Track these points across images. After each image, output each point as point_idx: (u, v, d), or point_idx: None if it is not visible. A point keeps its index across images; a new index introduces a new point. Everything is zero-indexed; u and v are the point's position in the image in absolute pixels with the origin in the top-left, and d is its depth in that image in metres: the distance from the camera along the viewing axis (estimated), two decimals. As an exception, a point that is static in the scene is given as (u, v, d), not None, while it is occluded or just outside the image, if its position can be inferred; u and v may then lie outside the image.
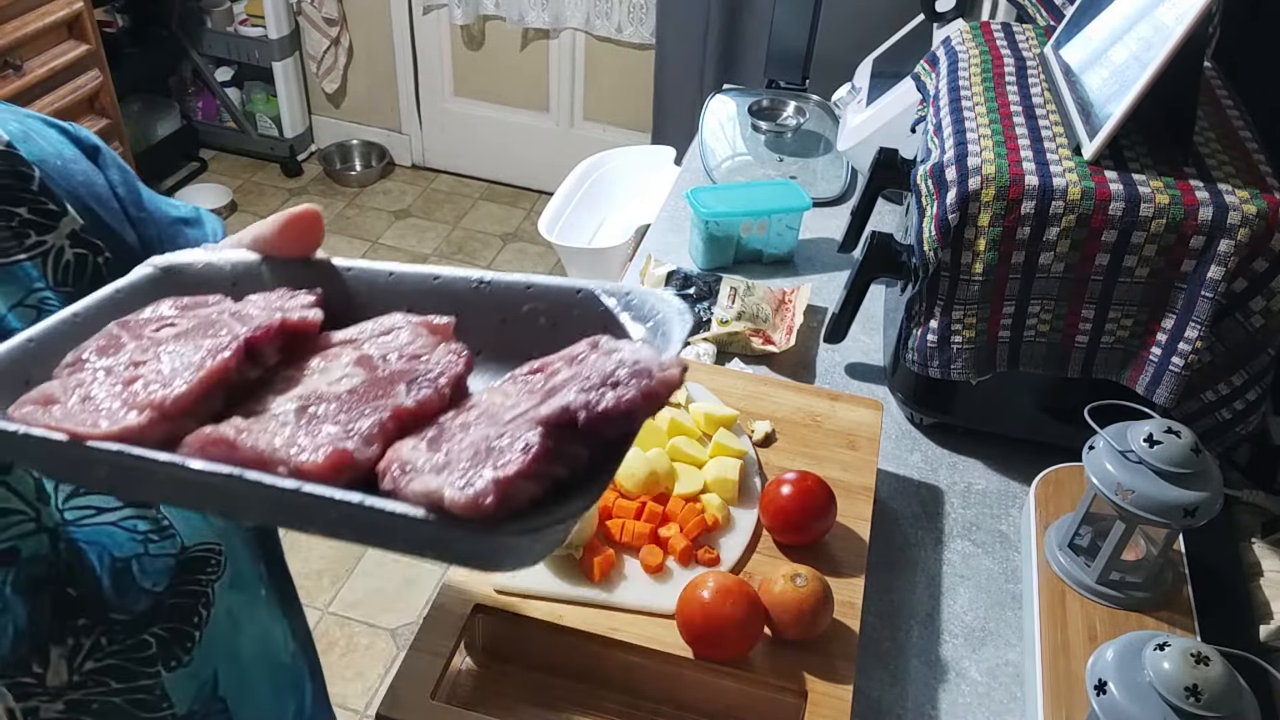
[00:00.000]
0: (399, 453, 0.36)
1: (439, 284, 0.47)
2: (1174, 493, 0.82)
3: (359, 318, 0.47)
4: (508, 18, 3.14)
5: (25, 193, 0.54)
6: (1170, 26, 0.87)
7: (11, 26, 2.39)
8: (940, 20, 1.41)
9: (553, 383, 0.38)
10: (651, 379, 0.35)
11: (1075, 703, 0.82)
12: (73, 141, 0.61)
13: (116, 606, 0.56)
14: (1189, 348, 0.94)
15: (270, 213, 2.85)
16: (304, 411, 0.39)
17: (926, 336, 1.03)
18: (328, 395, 0.40)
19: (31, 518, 0.52)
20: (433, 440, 0.37)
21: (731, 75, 2.66)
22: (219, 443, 0.37)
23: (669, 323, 0.42)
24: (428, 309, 0.46)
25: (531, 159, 3.44)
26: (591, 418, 0.34)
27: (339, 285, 0.49)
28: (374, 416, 0.38)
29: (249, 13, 3.26)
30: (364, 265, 0.49)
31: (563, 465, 0.34)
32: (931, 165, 0.98)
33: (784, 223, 1.41)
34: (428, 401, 0.39)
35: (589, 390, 0.35)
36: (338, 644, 2.10)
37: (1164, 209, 0.90)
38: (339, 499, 0.34)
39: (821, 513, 0.93)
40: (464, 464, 0.34)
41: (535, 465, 0.33)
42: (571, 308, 0.45)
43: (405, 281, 0.48)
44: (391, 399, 0.39)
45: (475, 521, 0.32)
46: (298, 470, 0.35)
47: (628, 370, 0.35)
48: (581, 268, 2.33)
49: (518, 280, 0.46)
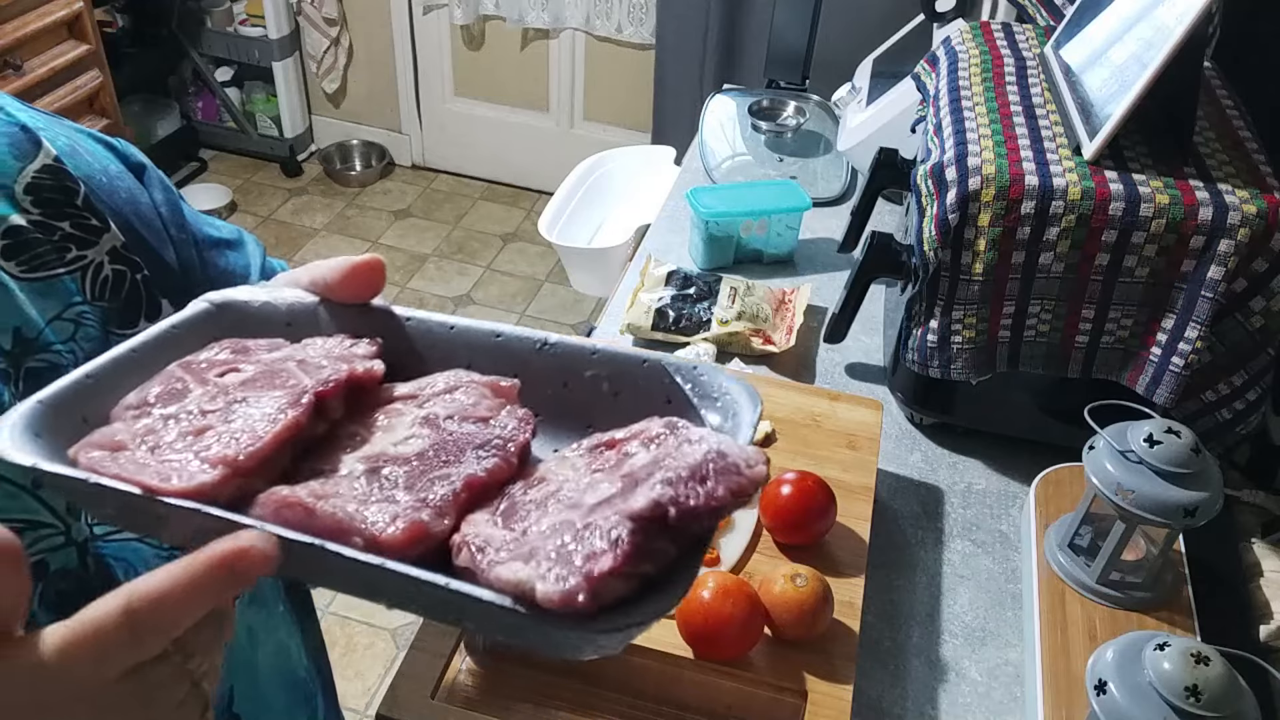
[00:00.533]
0: (475, 528, 0.36)
1: (500, 342, 0.47)
2: (1174, 493, 0.82)
3: (415, 368, 0.47)
4: (508, 18, 3.14)
5: (70, 208, 0.54)
6: (1170, 26, 0.87)
7: (11, 26, 2.39)
8: (940, 20, 1.41)
9: (630, 466, 0.37)
10: (741, 475, 0.35)
11: (1075, 703, 0.82)
12: (119, 158, 0.61)
13: None
14: (1189, 348, 0.94)
15: (270, 213, 2.84)
16: (375, 474, 0.39)
17: (926, 336, 1.03)
18: (396, 458, 0.39)
19: (61, 531, 0.52)
20: (506, 514, 0.37)
21: (731, 75, 2.66)
22: (295, 507, 0.36)
23: (739, 406, 0.42)
24: (487, 366, 0.46)
25: (531, 159, 3.44)
26: (682, 514, 0.33)
27: (398, 334, 0.48)
28: (446, 486, 0.38)
29: (249, 13, 3.26)
30: (423, 316, 0.49)
31: (651, 563, 0.34)
32: (931, 165, 0.98)
33: (784, 223, 1.41)
34: (498, 471, 0.39)
35: (676, 484, 0.34)
36: (338, 644, 2.10)
37: (1164, 209, 0.90)
38: (425, 579, 0.33)
39: (821, 513, 0.93)
40: (550, 552, 0.33)
41: (627, 564, 0.32)
42: (636, 377, 0.45)
43: (465, 336, 0.48)
44: (462, 466, 0.39)
45: (564, 616, 0.32)
46: (374, 542, 0.35)
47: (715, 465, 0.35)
48: (581, 267, 2.33)
49: (582, 344, 0.46)
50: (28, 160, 0.53)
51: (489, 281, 3.12)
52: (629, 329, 1.27)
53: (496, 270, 3.17)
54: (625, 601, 0.33)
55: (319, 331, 0.48)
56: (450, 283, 3.10)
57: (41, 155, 0.54)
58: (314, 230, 3.26)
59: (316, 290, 0.50)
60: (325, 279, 0.50)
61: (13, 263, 0.51)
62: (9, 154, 0.53)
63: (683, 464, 0.35)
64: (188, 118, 3.49)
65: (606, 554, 0.32)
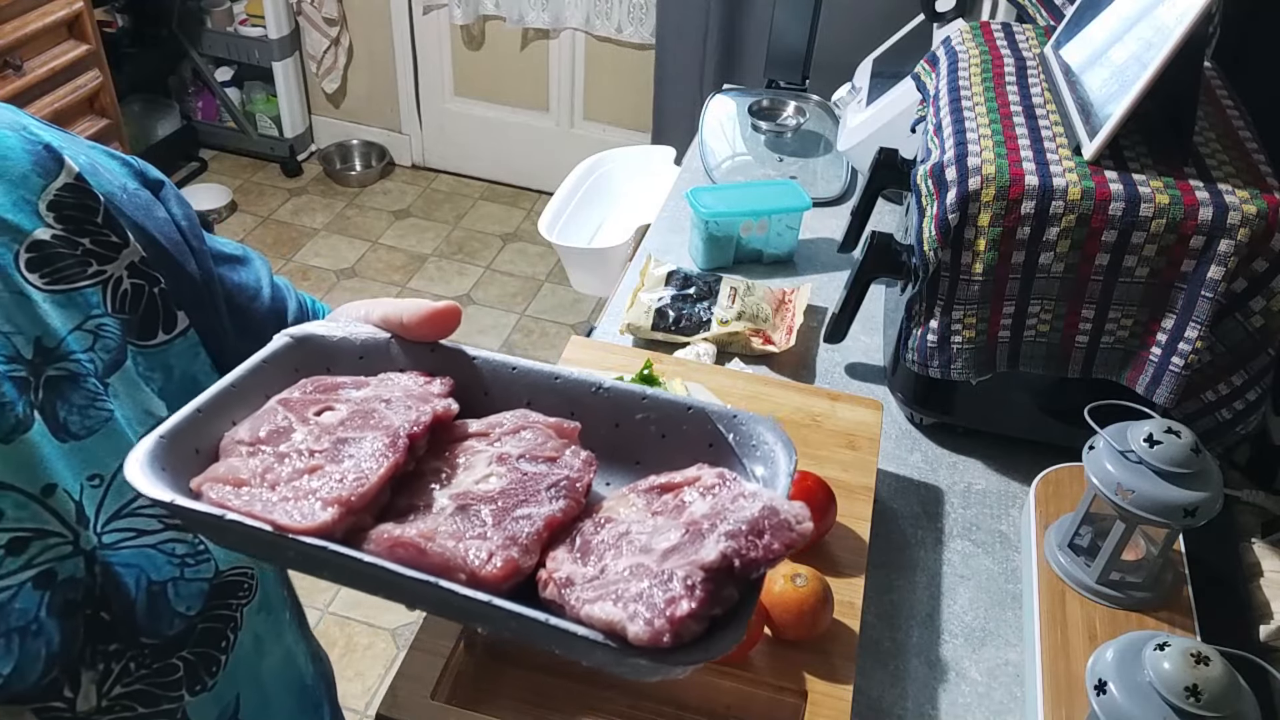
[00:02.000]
0: (557, 565, 0.42)
1: (559, 384, 0.52)
2: (1174, 493, 0.82)
3: (480, 404, 0.52)
4: (508, 18, 3.14)
5: (90, 224, 0.56)
6: (1170, 26, 0.87)
7: (11, 26, 2.39)
8: (940, 20, 1.41)
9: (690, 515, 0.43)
10: (792, 531, 0.41)
11: (1075, 703, 0.82)
12: (135, 174, 0.63)
13: (148, 630, 0.57)
14: (1189, 348, 0.94)
15: (270, 213, 2.84)
16: (464, 511, 0.44)
17: (926, 336, 1.03)
18: (481, 496, 0.45)
19: (69, 540, 0.53)
20: (580, 552, 0.43)
21: (731, 75, 2.66)
22: (409, 547, 0.42)
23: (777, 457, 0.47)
24: (547, 405, 0.51)
25: (531, 159, 3.44)
26: (745, 565, 0.39)
27: (466, 372, 0.53)
28: (530, 525, 0.44)
29: (249, 13, 3.26)
30: (488, 356, 0.53)
31: (720, 606, 0.39)
32: (931, 165, 0.98)
33: (784, 223, 1.41)
34: (570, 510, 0.45)
35: (738, 538, 0.40)
36: (338, 644, 2.10)
37: (1164, 209, 0.90)
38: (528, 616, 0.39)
39: (821, 513, 0.93)
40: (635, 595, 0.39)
41: (703, 608, 0.38)
42: (682, 422, 0.50)
43: (528, 376, 0.53)
44: (540, 506, 0.45)
45: (647, 650, 0.38)
46: (475, 577, 0.41)
47: (770, 521, 0.41)
48: (581, 267, 2.33)
49: (634, 390, 0.51)
50: (51, 178, 0.55)
51: (489, 281, 3.12)
52: (629, 329, 1.27)
53: (496, 270, 3.17)
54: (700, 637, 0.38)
55: (390, 365, 0.53)
56: (450, 283, 3.10)
57: (64, 173, 0.56)
58: (314, 230, 3.26)
59: (390, 327, 0.54)
60: (401, 319, 0.53)
61: (36, 274, 0.53)
62: (34, 171, 0.54)
63: (742, 518, 0.41)
64: (188, 118, 3.49)
65: (685, 599, 0.38)
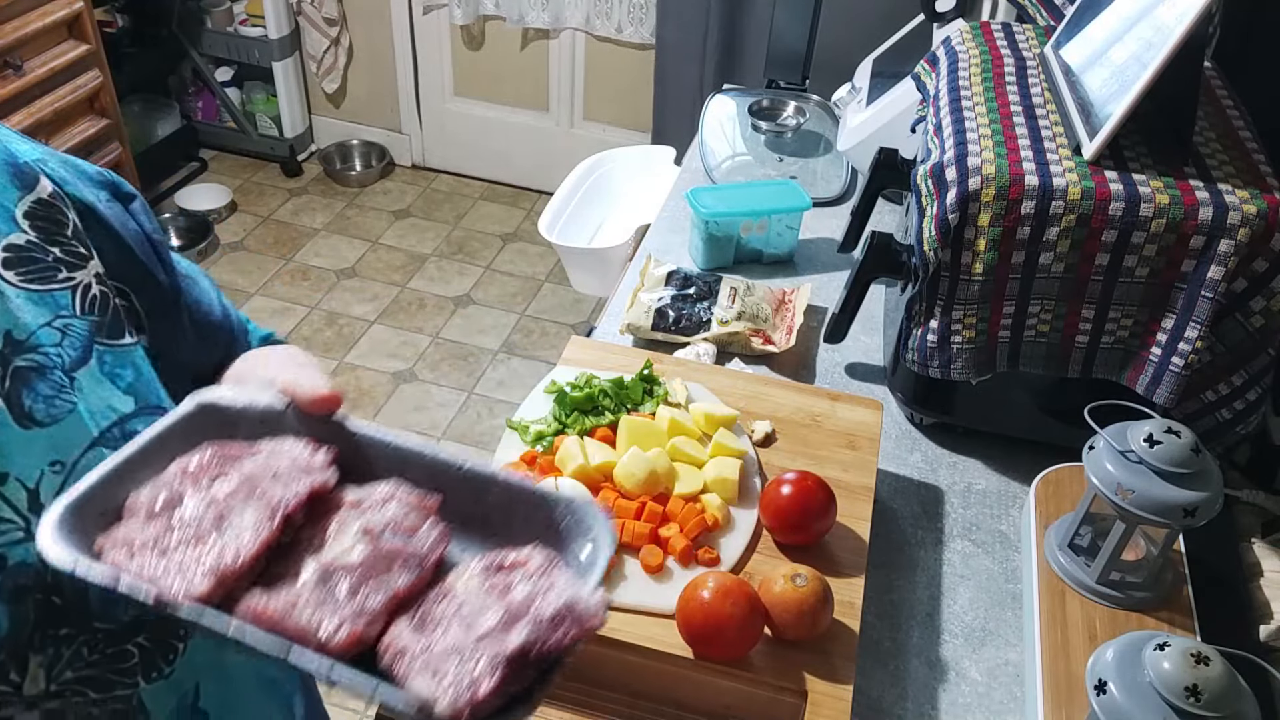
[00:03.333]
0: (398, 634, 0.51)
1: (428, 461, 0.60)
2: (1174, 493, 0.82)
3: (361, 470, 0.60)
4: (508, 18, 3.14)
5: (60, 236, 0.61)
6: (1170, 26, 0.87)
7: (11, 26, 2.38)
8: (940, 20, 1.41)
9: (511, 600, 0.51)
10: (584, 626, 0.50)
11: (1075, 703, 0.82)
12: (107, 187, 0.67)
13: (101, 616, 0.58)
14: (1189, 348, 0.94)
15: (270, 212, 2.84)
16: (326, 582, 0.52)
17: (926, 336, 1.03)
18: (343, 566, 0.53)
19: (21, 527, 0.54)
20: (420, 623, 0.52)
21: (731, 75, 2.66)
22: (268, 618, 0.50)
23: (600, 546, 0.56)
24: (417, 477, 0.59)
25: (531, 159, 3.43)
26: (541, 652, 0.49)
27: (349, 443, 0.61)
28: (378, 597, 0.52)
29: (249, 13, 3.26)
30: (370, 432, 0.61)
31: (517, 684, 0.49)
32: (931, 165, 0.98)
33: (784, 223, 1.41)
34: (417, 584, 0.54)
35: (539, 626, 0.49)
36: (338, 644, 2.09)
37: (1164, 209, 0.90)
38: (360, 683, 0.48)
39: (821, 513, 0.93)
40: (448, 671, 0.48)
41: (500, 688, 0.47)
42: (530, 504, 0.58)
43: (401, 453, 0.60)
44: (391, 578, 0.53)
45: None
46: (324, 646, 0.49)
47: (570, 614, 0.50)
48: (581, 267, 2.32)
49: (490, 473, 0.59)
50: (28, 191, 0.60)
51: (489, 281, 3.12)
52: (629, 329, 1.27)
53: (496, 270, 3.17)
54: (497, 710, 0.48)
55: (286, 430, 0.61)
56: (450, 283, 3.10)
57: (39, 189, 0.61)
58: (314, 230, 3.26)
59: (288, 395, 0.62)
60: (297, 395, 0.61)
61: (12, 272, 0.58)
62: (12, 184, 0.60)
63: (546, 610, 0.50)
64: (188, 118, 3.49)
65: (485, 681, 0.47)
